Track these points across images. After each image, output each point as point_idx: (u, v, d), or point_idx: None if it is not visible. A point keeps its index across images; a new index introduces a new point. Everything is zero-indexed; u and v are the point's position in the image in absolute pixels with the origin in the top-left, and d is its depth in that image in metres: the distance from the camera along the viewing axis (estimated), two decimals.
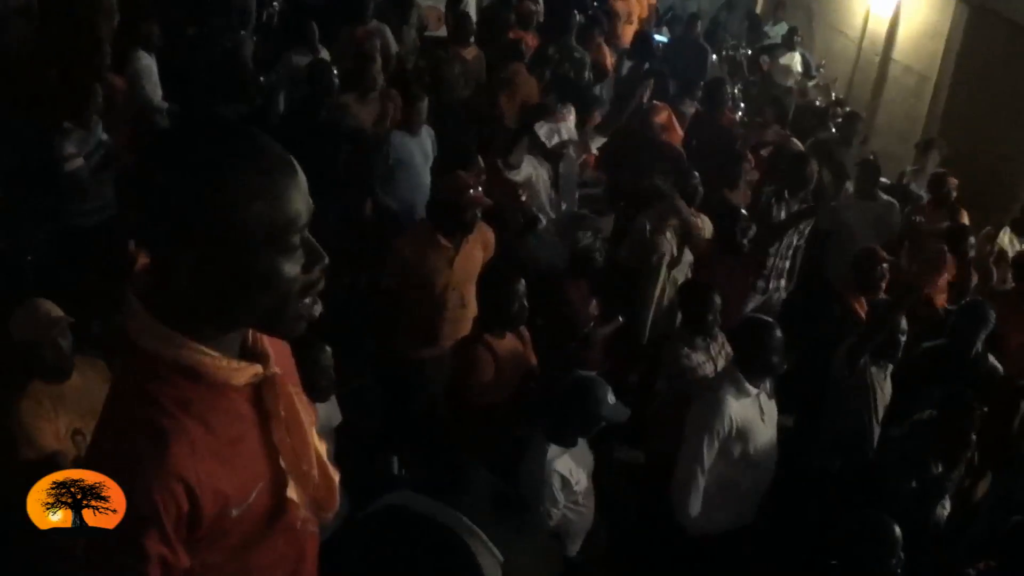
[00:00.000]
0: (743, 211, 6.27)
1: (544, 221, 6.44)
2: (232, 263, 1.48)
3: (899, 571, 3.68)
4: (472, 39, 8.75)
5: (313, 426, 1.77)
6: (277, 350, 1.73)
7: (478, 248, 5.28)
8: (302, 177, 1.55)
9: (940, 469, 4.61)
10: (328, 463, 1.78)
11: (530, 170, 6.57)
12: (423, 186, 6.31)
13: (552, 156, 6.76)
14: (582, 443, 4.32)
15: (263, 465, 1.65)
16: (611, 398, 4.22)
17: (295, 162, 1.55)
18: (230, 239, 1.46)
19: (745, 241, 5.98)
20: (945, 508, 4.74)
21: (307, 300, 1.58)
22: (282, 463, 1.67)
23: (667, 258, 6.13)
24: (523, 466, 4.17)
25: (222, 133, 1.55)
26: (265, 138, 1.55)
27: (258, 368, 1.62)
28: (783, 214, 6.36)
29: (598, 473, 4.45)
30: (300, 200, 1.52)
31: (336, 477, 1.80)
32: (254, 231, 1.47)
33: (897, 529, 3.69)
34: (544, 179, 6.72)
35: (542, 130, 6.64)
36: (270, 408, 1.65)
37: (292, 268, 1.53)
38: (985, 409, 4.76)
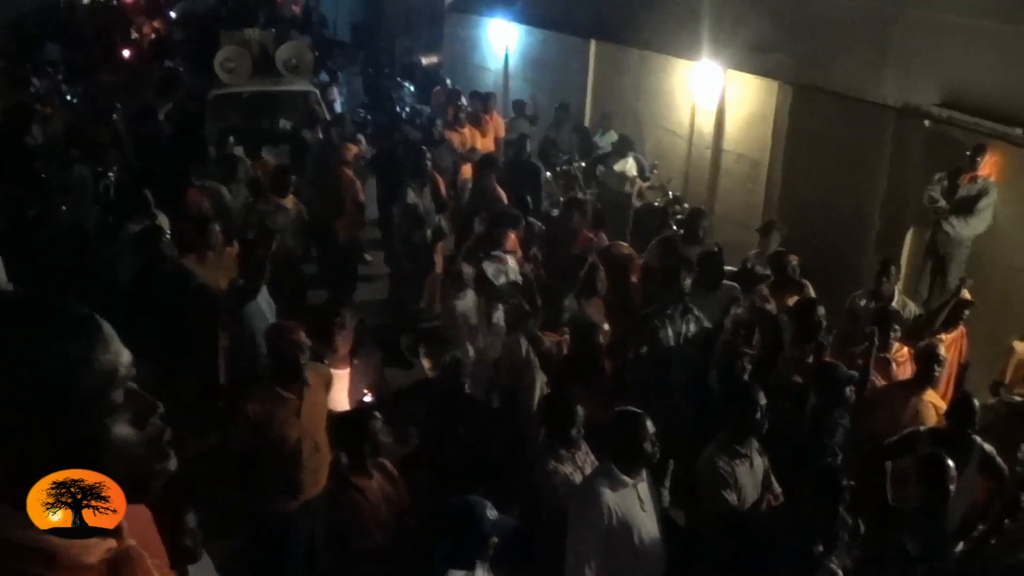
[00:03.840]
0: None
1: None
2: (56, 435, 1.38)
3: None
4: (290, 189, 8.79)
5: None
6: (135, 517, 1.64)
7: (321, 390, 5.27)
8: (108, 331, 1.46)
9: (820, 547, 4.68)
10: None
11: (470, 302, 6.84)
12: None
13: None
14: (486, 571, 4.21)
15: None
16: (492, 513, 4.18)
17: (97, 317, 1.47)
18: (46, 412, 1.37)
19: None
20: None
21: (156, 458, 1.50)
22: None
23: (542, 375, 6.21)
24: None
25: (10, 310, 1.46)
26: (59, 301, 1.45)
27: (111, 543, 1.53)
28: None
29: None
30: (110, 355, 1.44)
31: None
32: (68, 399, 1.38)
33: None
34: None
35: (489, 269, 6.84)
36: None
37: (122, 427, 1.45)
38: (852, 482, 4.87)
